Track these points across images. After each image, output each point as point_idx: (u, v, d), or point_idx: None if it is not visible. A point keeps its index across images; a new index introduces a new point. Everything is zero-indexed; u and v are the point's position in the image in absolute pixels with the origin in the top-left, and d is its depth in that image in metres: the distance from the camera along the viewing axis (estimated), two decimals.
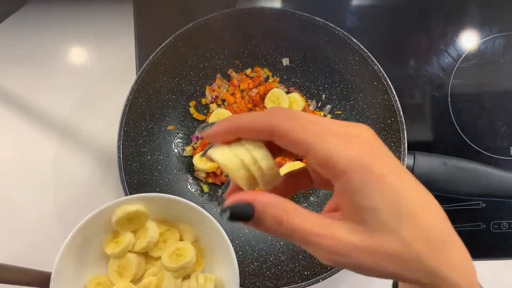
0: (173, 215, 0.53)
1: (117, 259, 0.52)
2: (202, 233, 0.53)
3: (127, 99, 0.57)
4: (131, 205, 0.50)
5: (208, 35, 0.60)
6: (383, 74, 0.56)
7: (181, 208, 0.51)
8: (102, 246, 0.52)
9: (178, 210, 0.51)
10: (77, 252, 0.50)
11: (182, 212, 0.51)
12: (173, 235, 0.53)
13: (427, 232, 0.25)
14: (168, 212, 0.53)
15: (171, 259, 0.50)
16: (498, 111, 0.66)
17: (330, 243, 0.25)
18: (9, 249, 0.64)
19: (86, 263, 0.51)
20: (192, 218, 0.52)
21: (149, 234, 0.51)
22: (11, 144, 0.65)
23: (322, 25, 0.57)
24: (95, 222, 0.49)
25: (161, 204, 0.51)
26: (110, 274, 0.52)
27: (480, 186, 0.54)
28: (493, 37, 0.67)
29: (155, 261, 0.54)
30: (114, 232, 0.52)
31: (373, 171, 0.24)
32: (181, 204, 0.50)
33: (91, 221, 0.49)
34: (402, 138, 0.56)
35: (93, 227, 0.49)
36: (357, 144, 0.25)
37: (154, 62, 0.58)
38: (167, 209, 0.52)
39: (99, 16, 0.67)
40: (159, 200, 0.51)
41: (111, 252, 0.51)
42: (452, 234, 0.27)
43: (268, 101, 0.63)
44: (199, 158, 0.62)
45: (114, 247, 0.51)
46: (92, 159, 0.65)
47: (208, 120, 0.63)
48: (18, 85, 0.66)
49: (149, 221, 0.52)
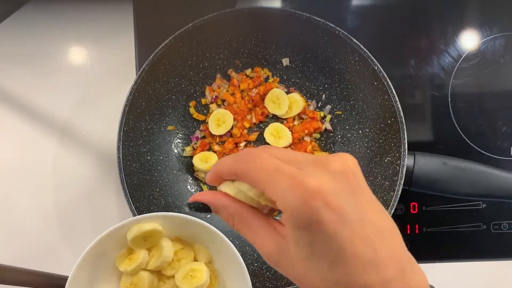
0: (187, 234, 0.52)
1: (130, 276, 0.51)
2: (216, 254, 0.52)
3: (127, 99, 0.57)
4: (147, 224, 0.49)
5: (208, 35, 0.60)
6: (383, 74, 0.56)
7: (195, 227, 0.50)
8: (115, 262, 0.51)
9: (192, 230, 0.51)
10: (90, 268, 0.49)
11: (196, 231, 0.51)
12: (187, 255, 0.53)
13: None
14: (183, 231, 0.52)
15: (185, 281, 0.50)
16: (498, 111, 0.66)
17: (263, 251, 0.30)
18: (9, 249, 0.64)
19: (98, 279, 0.51)
20: (206, 238, 0.51)
21: (164, 254, 0.50)
22: (11, 144, 0.65)
23: (322, 25, 0.57)
24: (110, 238, 0.48)
25: (176, 223, 0.50)
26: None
27: (480, 186, 0.54)
28: (493, 37, 0.66)
29: (168, 279, 0.53)
30: (128, 249, 0.51)
31: (317, 228, 0.25)
32: (196, 224, 0.49)
33: (106, 238, 0.48)
34: (402, 138, 0.56)
35: (107, 244, 0.49)
36: (303, 190, 0.25)
37: (154, 62, 0.58)
38: (182, 228, 0.51)
39: (99, 16, 0.67)
40: (174, 219, 0.50)
41: (124, 269, 0.50)
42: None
43: (268, 101, 0.63)
44: (199, 158, 0.62)
45: (127, 264, 0.50)
46: (92, 159, 0.65)
47: (208, 120, 0.63)
48: (18, 85, 0.66)
49: (164, 239, 0.51)
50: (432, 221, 0.64)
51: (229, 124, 0.63)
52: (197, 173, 0.63)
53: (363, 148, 0.61)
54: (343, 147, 0.63)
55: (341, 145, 0.63)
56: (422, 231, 0.64)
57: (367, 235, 0.26)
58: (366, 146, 0.61)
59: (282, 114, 0.63)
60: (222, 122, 0.63)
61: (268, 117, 0.64)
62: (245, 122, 0.63)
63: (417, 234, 0.64)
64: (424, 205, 0.64)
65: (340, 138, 0.64)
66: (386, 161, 0.57)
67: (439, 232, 0.64)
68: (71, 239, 0.64)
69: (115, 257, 0.51)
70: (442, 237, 0.64)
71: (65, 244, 0.64)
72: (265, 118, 0.64)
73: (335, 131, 0.64)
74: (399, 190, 0.55)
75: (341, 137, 0.64)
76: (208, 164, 0.61)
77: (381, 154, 0.58)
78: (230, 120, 0.62)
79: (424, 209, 0.64)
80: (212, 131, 0.63)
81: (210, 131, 0.63)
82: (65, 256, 0.64)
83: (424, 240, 0.64)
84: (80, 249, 0.64)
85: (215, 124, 0.63)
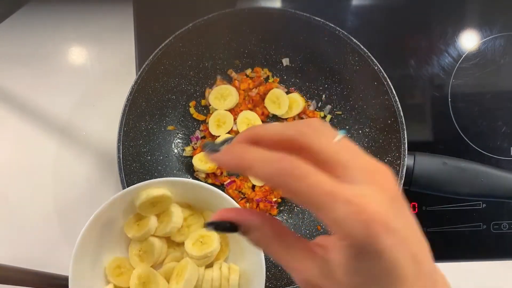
0: (197, 200, 0.51)
1: (138, 242, 0.51)
2: None
3: (127, 99, 0.57)
4: (156, 189, 0.48)
5: (208, 35, 0.60)
6: (383, 74, 0.56)
7: (205, 193, 0.49)
8: (124, 229, 0.50)
9: (202, 196, 0.50)
10: (98, 233, 0.48)
11: (206, 198, 0.50)
12: (197, 221, 0.52)
13: None
14: (193, 197, 0.51)
15: (195, 247, 0.49)
16: (498, 111, 0.66)
17: (302, 277, 0.26)
18: (9, 249, 0.64)
19: (106, 245, 0.50)
20: (216, 204, 0.50)
21: (173, 220, 0.49)
22: (11, 144, 0.65)
23: (322, 25, 0.57)
24: (117, 204, 0.48)
25: (185, 189, 0.49)
26: (130, 258, 0.51)
27: (480, 186, 0.54)
28: (493, 37, 0.66)
29: (177, 246, 0.52)
30: (136, 215, 0.50)
31: (377, 255, 0.23)
32: (206, 189, 0.48)
33: (113, 203, 0.47)
34: (402, 138, 0.56)
35: (115, 210, 0.48)
36: (365, 219, 0.23)
37: (154, 62, 0.58)
38: (192, 194, 0.50)
39: (99, 16, 0.67)
40: (184, 184, 0.49)
41: (132, 235, 0.49)
42: None
43: (268, 101, 0.63)
44: (199, 159, 0.62)
45: (136, 230, 0.49)
46: (92, 159, 0.65)
47: (208, 120, 0.63)
48: (18, 85, 0.66)
49: (173, 205, 0.50)
50: (432, 221, 0.64)
51: (229, 125, 0.63)
52: (197, 173, 0.63)
53: (363, 148, 0.61)
54: None
55: None
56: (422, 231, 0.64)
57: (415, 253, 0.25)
58: (366, 146, 0.61)
59: (282, 114, 0.63)
60: (222, 123, 0.63)
61: (268, 117, 0.64)
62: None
63: None
64: (424, 205, 0.64)
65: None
66: (386, 161, 0.57)
67: (439, 232, 0.64)
68: (71, 239, 0.64)
69: (123, 223, 0.50)
70: (442, 237, 0.64)
71: (65, 244, 0.64)
72: (265, 118, 0.64)
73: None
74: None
75: None
76: (208, 165, 0.61)
77: (381, 154, 0.58)
78: (230, 120, 0.63)
79: (424, 209, 0.64)
80: (212, 132, 0.63)
81: (210, 131, 0.63)
82: (65, 256, 0.64)
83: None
84: None
85: (215, 124, 0.63)
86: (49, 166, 0.65)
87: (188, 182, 0.49)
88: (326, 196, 0.23)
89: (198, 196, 0.51)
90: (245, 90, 0.64)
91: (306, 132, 0.25)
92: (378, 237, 0.23)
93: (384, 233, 0.23)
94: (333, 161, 0.25)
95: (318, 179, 0.23)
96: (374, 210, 0.23)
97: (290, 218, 0.63)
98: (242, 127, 0.62)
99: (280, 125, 0.26)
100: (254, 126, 0.27)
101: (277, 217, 0.63)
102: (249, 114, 0.63)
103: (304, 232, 0.61)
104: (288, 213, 0.63)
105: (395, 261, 0.24)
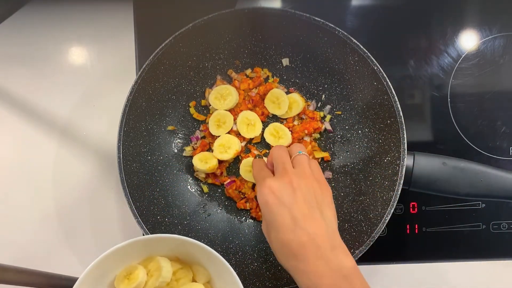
0: (186, 254, 0.52)
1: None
2: (216, 275, 0.52)
3: (127, 99, 0.57)
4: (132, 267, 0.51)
5: (208, 35, 0.60)
6: (383, 74, 0.56)
7: (194, 249, 0.50)
8: (114, 283, 0.51)
9: (192, 251, 0.51)
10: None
11: (195, 252, 0.51)
12: (186, 275, 0.52)
13: None
14: (182, 251, 0.52)
15: None
16: (498, 111, 0.66)
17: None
18: (9, 249, 0.64)
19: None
20: (205, 259, 0.51)
21: (162, 274, 0.50)
22: (11, 144, 0.65)
23: (322, 25, 0.57)
24: (109, 259, 0.48)
25: (175, 244, 0.50)
26: None
27: (480, 186, 0.54)
28: (492, 37, 0.67)
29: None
30: (127, 268, 0.51)
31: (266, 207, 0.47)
32: (195, 246, 0.49)
33: (105, 259, 0.48)
34: (402, 138, 0.56)
35: (107, 264, 0.49)
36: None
37: (154, 62, 0.58)
38: (181, 248, 0.51)
39: (99, 16, 0.67)
40: (174, 240, 0.50)
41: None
42: None
43: (268, 101, 0.63)
44: (199, 159, 0.62)
45: (126, 284, 0.50)
46: (92, 159, 0.65)
47: (208, 120, 0.63)
48: (18, 85, 0.66)
49: (163, 259, 0.51)
50: (431, 221, 0.64)
51: (229, 125, 0.63)
52: (197, 173, 0.63)
53: (363, 148, 0.62)
54: (342, 147, 0.63)
55: (341, 145, 0.64)
56: (422, 231, 0.64)
57: (294, 215, 0.44)
58: (365, 146, 0.61)
59: (282, 114, 0.63)
60: (222, 123, 0.63)
61: (268, 117, 0.64)
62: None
63: (417, 234, 0.64)
64: (423, 205, 0.64)
65: (340, 138, 0.64)
66: (386, 161, 0.57)
67: (438, 232, 0.64)
68: (71, 239, 0.65)
69: (114, 276, 0.51)
70: (441, 237, 0.64)
71: (65, 244, 0.64)
72: (265, 118, 0.64)
73: (335, 131, 0.64)
74: (398, 190, 0.55)
75: (340, 137, 0.64)
76: (208, 165, 0.61)
77: (381, 154, 0.59)
78: (231, 120, 0.63)
79: (424, 209, 0.64)
80: (212, 132, 0.63)
81: (210, 131, 0.63)
82: (65, 256, 0.64)
83: (423, 240, 0.64)
84: (80, 249, 0.64)
85: (215, 124, 0.63)
86: (49, 166, 0.65)
87: (178, 238, 0.50)
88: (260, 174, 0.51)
89: (188, 251, 0.51)
90: (245, 90, 0.64)
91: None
92: (267, 195, 0.46)
93: (271, 194, 0.46)
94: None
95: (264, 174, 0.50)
96: (271, 185, 0.46)
97: None
98: (242, 127, 0.62)
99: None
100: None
101: None
102: (249, 114, 0.63)
103: None
104: None
105: (275, 212, 0.45)
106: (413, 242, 0.64)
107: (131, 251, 0.50)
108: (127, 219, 0.63)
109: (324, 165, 0.64)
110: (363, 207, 0.58)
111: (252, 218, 0.63)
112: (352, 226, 0.58)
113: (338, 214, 0.59)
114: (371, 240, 0.55)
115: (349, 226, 0.58)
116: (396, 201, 0.55)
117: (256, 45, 0.63)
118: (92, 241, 0.64)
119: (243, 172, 0.62)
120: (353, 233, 0.57)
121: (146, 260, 0.52)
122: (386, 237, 0.63)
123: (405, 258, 0.64)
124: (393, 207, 0.55)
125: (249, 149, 0.64)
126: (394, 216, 0.56)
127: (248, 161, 0.62)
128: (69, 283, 0.49)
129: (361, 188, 0.60)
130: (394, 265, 0.64)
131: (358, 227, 0.57)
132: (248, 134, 0.63)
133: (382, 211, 0.55)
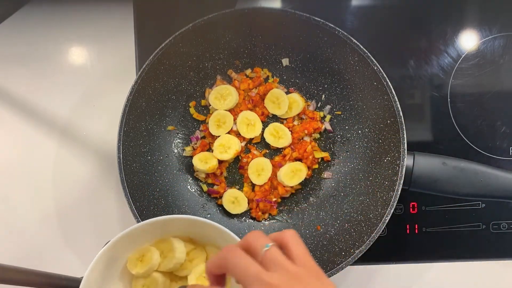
0: (200, 235, 0.52)
1: (141, 278, 0.51)
2: None
3: (127, 99, 0.57)
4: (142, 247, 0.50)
5: (208, 35, 0.60)
6: (383, 74, 0.56)
7: (207, 229, 0.49)
8: (127, 265, 0.50)
9: (205, 231, 0.50)
10: (101, 272, 0.48)
11: (208, 232, 0.50)
12: (199, 255, 0.52)
13: None
14: (195, 231, 0.51)
15: (199, 282, 0.49)
16: (498, 111, 0.66)
17: None
18: (9, 249, 0.64)
19: (110, 282, 0.50)
20: (219, 239, 0.51)
21: (176, 255, 0.49)
22: (11, 144, 0.65)
23: (322, 25, 0.57)
24: (121, 242, 0.48)
25: (187, 224, 0.50)
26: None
27: (480, 186, 0.54)
28: (492, 37, 0.67)
29: (180, 279, 0.52)
30: (139, 250, 0.51)
31: None
32: (208, 225, 0.49)
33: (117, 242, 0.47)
34: (401, 139, 0.56)
35: (118, 248, 0.48)
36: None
37: (154, 62, 0.58)
38: (194, 229, 0.51)
39: (99, 16, 0.67)
40: (186, 220, 0.49)
41: (136, 272, 0.49)
42: None
43: (268, 101, 0.63)
44: (199, 159, 0.62)
45: (139, 267, 0.49)
46: (92, 159, 0.65)
47: (208, 120, 0.63)
48: (18, 85, 0.66)
49: (176, 240, 0.51)
50: (431, 221, 0.64)
51: (229, 125, 0.63)
52: (197, 173, 0.63)
53: (363, 148, 0.62)
54: (342, 147, 0.63)
55: (341, 145, 0.64)
56: (422, 231, 0.64)
57: None
58: (365, 146, 0.61)
59: (282, 114, 0.63)
60: (222, 123, 0.63)
61: (268, 117, 0.64)
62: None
63: (417, 234, 0.64)
64: (423, 205, 0.64)
65: (340, 138, 0.64)
66: (386, 161, 0.57)
67: (438, 232, 0.64)
68: (71, 239, 0.65)
69: (126, 259, 0.50)
70: (441, 237, 0.64)
71: (65, 244, 0.64)
72: (265, 118, 0.64)
73: (335, 131, 0.64)
74: (398, 190, 0.55)
75: (340, 137, 0.64)
76: (208, 165, 0.61)
77: (381, 154, 0.59)
78: (230, 120, 0.63)
79: (424, 209, 0.64)
80: (212, 132, 0.63)
81: (210, 131, 0.63)
82: (65, 256, 0.64)
83: (423, 240, 0.64)
84: (80, 249, 0.64)
85: (215, 125, 0.63)
86: (49, 166, 0.65)
87: (191, 219, 0.49)
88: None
89: (200, 231, 0.51)
90: (245, 90, 0.64)
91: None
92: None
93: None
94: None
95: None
96: (272, 282, 0.33)
97: (289, 218, 0.63)
98: (242, 127, 0.62)
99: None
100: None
101: (276, 217, 0.63)
102: (249, 114, 0.63)
103: (304, 232, 0.61)
104: (288, 213, 0.63)
105: None
106: (413, 242, 0.64)
107: (143, 233, 0.49)
108: (127, 219, 0.63)
109: (324, 165, 0.64)
110: (363, 207, 0.58)
111: (252, 218, 0.63)
112: (352, 226, 0.58)
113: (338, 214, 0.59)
114: (371, 240, 0.54)
115: (349, 226, 0.58)
116: (396, 201, 0.55)
117: (256, 45, 0.63)
118: (92, 241, 0.64)
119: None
120: (353, 233, 0.57)
121: (159, 242, 0.51)
122: (386, 237, 0.63)
123: (405, 258, 0.64)
124: (393, 207, 0.55)
125: (249, 149, 0.64)
126: (394, 216, 0.56)
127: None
128: (69, 283, 0.49)
129: (361, 188, 0.60)
130: (394, 265, 0.64)
131: (358, 227, 0.57)
132: (248, 134, 0.63)
133: (382, 211, 0.55)
